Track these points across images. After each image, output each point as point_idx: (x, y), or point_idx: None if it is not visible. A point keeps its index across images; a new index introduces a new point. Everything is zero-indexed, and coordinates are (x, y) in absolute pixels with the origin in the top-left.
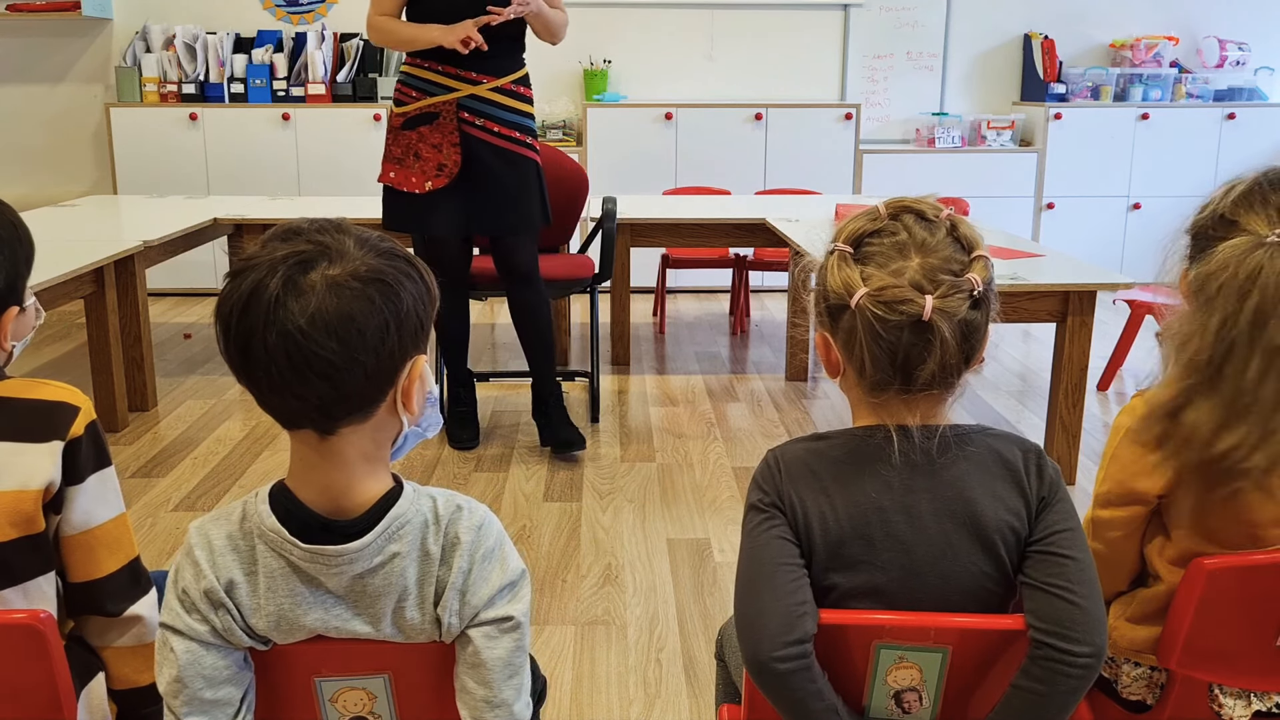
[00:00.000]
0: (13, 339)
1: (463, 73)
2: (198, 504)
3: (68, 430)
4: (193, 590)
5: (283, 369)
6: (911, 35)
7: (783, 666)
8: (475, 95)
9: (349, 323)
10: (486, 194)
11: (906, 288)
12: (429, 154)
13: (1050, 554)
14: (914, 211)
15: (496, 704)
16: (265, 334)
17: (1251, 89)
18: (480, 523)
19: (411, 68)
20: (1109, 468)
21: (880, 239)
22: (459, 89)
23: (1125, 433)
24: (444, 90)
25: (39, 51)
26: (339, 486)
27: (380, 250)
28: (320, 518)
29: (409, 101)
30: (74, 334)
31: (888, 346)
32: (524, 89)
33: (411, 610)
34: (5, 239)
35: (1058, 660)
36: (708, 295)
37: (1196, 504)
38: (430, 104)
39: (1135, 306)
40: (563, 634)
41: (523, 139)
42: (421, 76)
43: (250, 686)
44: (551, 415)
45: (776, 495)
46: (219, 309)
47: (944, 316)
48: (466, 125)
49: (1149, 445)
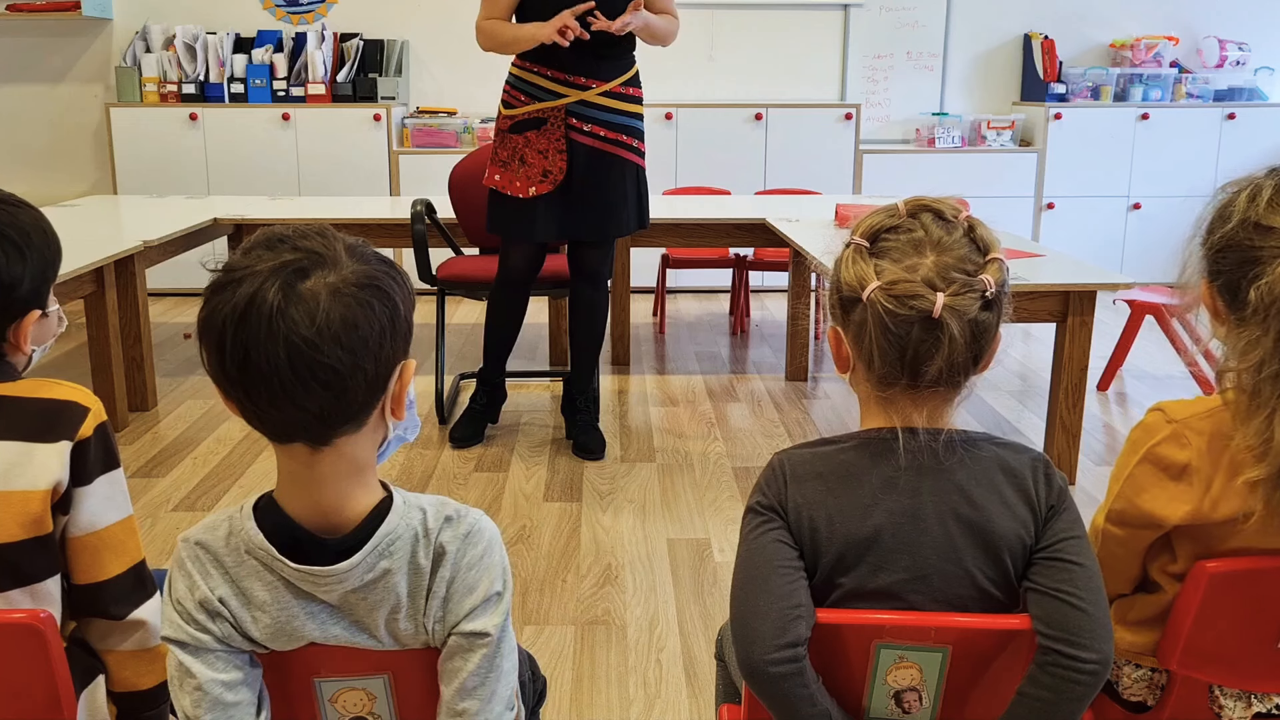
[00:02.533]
0: (33, 343)
1: (571, 78)
2: (198, 504)
3: (76, 431)
4: (187, 601)
5: (286, 380)
6: (911, 35)
7: (775, 670)
8: (584, 101)
9: (353, 330)
10: (586, 200)
11: (918, 283)
12: (534, 159)
13: (1057, 560)
14: (933, 211)
15: (456, 712)
16: (268, 345)
17: (1251, 89)
18: (467, 531)
19: (520, 71)
20: (1124, 486)
21: (897, 235)
22: (568, 94)
23: (1145, 453)
24: (552, 96)
25: (39, 51)
26: (330, 501)
27: (367, 255)
28: (309, 534)
29: (517, 105)
30: (74, 334)
31: (896, 341)
32: (633, 89)
33: (405, 621)
34: (35, 244)
35: (1065, 667)
36: (708, 295)
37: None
38: (538, 109)
39: (1135, 306)
40: (563, 634)
41: (629, 141)
42: (530, 81)
43: (262, 687)
44: (580, 417)
45: (777, 500)
46: (208, 322)
47: (954, 314)
48: (573, 132)
49: (1230, 467)
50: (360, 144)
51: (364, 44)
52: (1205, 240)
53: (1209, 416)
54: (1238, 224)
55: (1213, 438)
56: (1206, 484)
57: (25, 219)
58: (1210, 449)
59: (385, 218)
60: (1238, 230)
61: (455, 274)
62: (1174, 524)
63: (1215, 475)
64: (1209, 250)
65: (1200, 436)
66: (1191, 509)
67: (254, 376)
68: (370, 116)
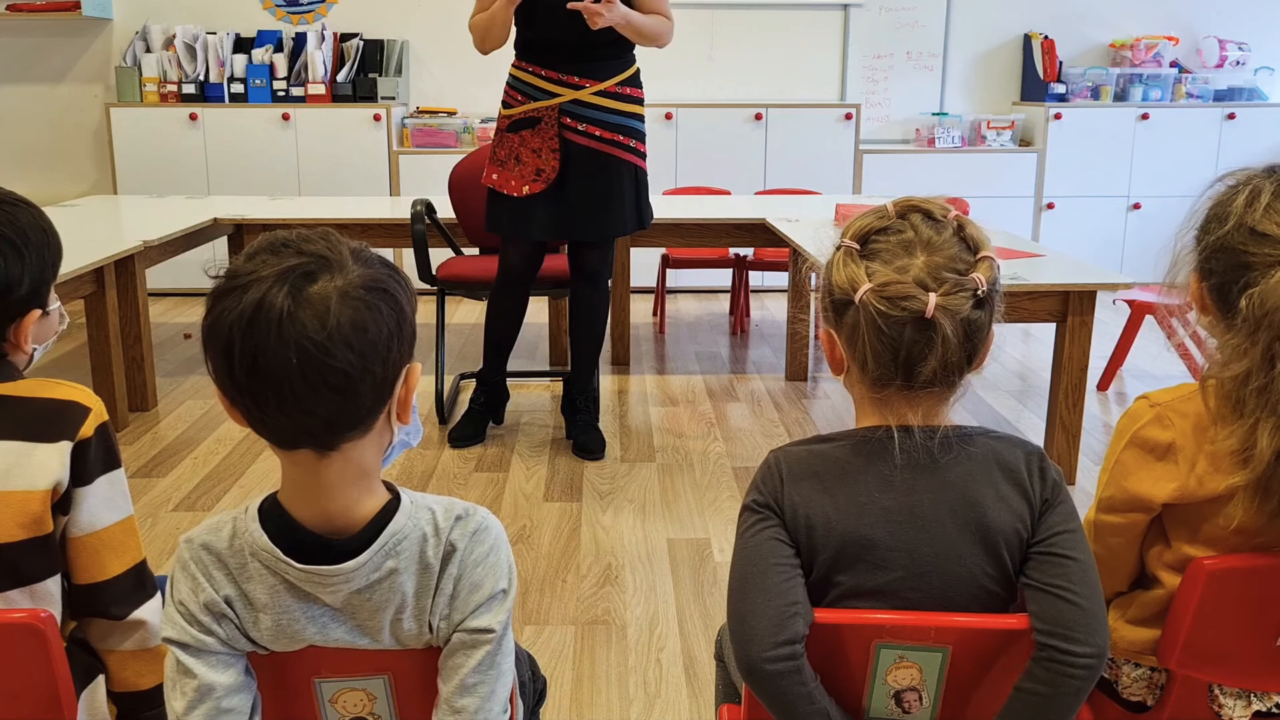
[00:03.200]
0: (34, 342)
1: (565, 77)
2: (198, 504)
3: (77, 431)
4: (191, 603)
5: (296, 384)
6: (911, 35)
7: (772, 667)
8: (578, 100)
9: (363, 333)
10: (580, 200)
11: (910, 284)
12: (529, 158)
13: (1052, 555)
14: (922, 211)
15: (456, 709)
16: (278, 349)
17: (1251, 89)
18: (476, 528)
19: (518, 71)
20: (1112, 472)
21: (887, 236)
22: (561, 94)
23: (1130, 437)
24: (546, 95)
25: (39, 51)
26: (336, 506)
27: (371, 259)
28: (316, 535)
29: (514, 104)
30: (74, 334)
31: (890, 343)
32: (631, 89)
33: (409, 621)
34: (35, 242)
35: (1060, 661)
36: (708, 295)
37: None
38: (534, 108)
39: (1135, 306)
40: (563, 634)
41: (625, 141)
42: (526, 80)
43: (256, 697)
44: (580, 416)
45: (773, 498)
46: (214, 328)
47: (946, 314)
48: (567, 131)
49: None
50: (360, 144)
51: (364, 44)
52: (1199, 237)
53: (1190, 399)
54: (1233, 227)
55: (1195, 418)
56: (1191, 462)
57: (24, 218)
58: (1193, 429)
59: (385, 218)
60: (1233, 233)
61: (455, 274)
62: (1162, 502)
63: (1199, 454)
64: (1202, 248)
65: (1184, 418)
66: (1177, 486)
67: (263, 382)
68: (370, 116)
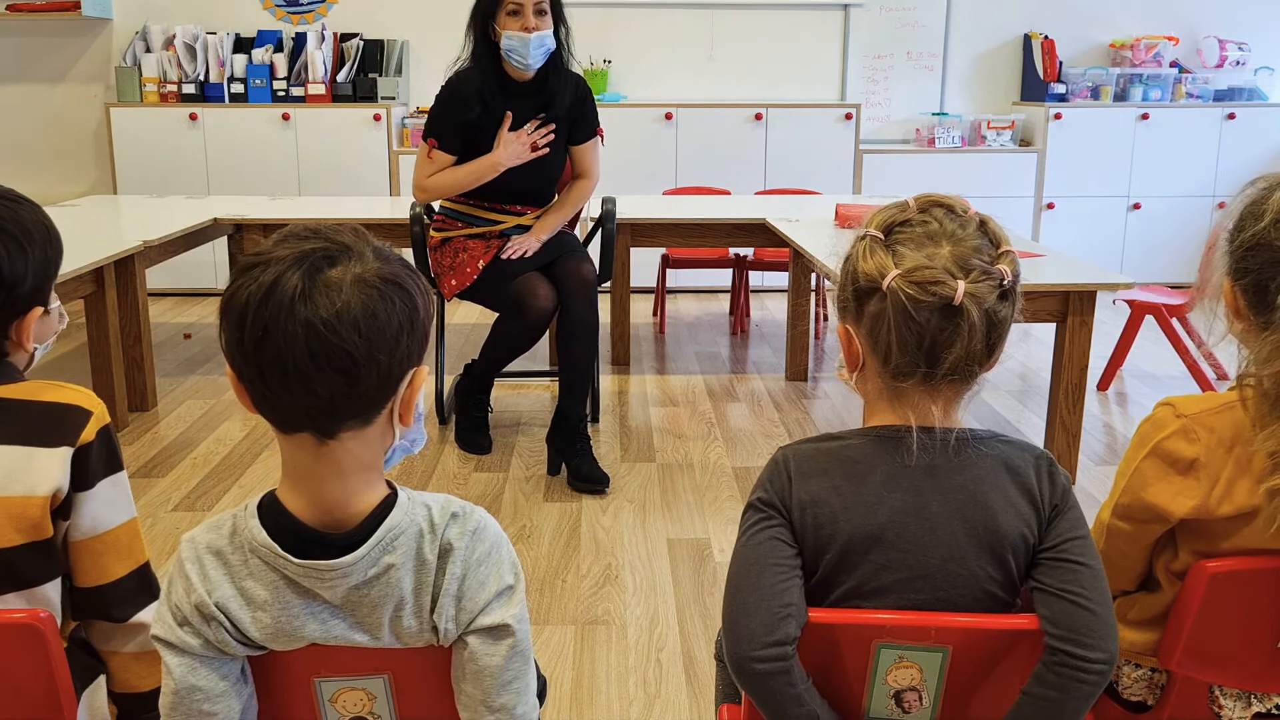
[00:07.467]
0: (35, 341)
1: (507, 206)
2: (198, 504)
3: (78, 435)
4: (184, 605)
5: (300, 361)
6: (911, 35)
7: (760, 667)
8: (520, 225)
9: (372, 320)
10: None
11: (939, 270)
12: (474, 244)
13: (1064, 561)
14: (943, 206)
15: (495, 708)
16: (288, 324)
17: (1251, 89)
18: (475, 527)
19: (452, 203)
20: (1130, 479)
21: (911, 228)
22: (504, 220)
23: (1152, 447)
24: (488, 223)
25: (39, 51)
26: (334, 497)
27: (394, 258)
28: (313, 530)
29: (453, 229)
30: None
31: (916, 330)
32: None
33: (409, 618)
34: (37, 240)
35: (1073, 667)
36: (708, 295)
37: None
38: (476, 233)
39: (1135, 306)
40: (563, 634)
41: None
42: (464, 211)
43: (251, 702)
44: (576, 447)
45: (779, 496)
46: (231, 300)
47: (974, 301)
48: (507, 248)
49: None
50: (360, 144)
51: (364, 44)
52: (1233, 236)
53: (1219, 413)
54: (1270, 223)
55: (1223, 434)
56: (1214, 479)
57: (27, 215)
58: (1220, 445)
59: (385, 218)
60: (1270, 229)
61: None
62: (1179, 518)
63: (1223, 471)
64: (1236, 247)
65: (1210, 433)
66: (1197, 503)
67: (270, 355)
68: (370, 116)
